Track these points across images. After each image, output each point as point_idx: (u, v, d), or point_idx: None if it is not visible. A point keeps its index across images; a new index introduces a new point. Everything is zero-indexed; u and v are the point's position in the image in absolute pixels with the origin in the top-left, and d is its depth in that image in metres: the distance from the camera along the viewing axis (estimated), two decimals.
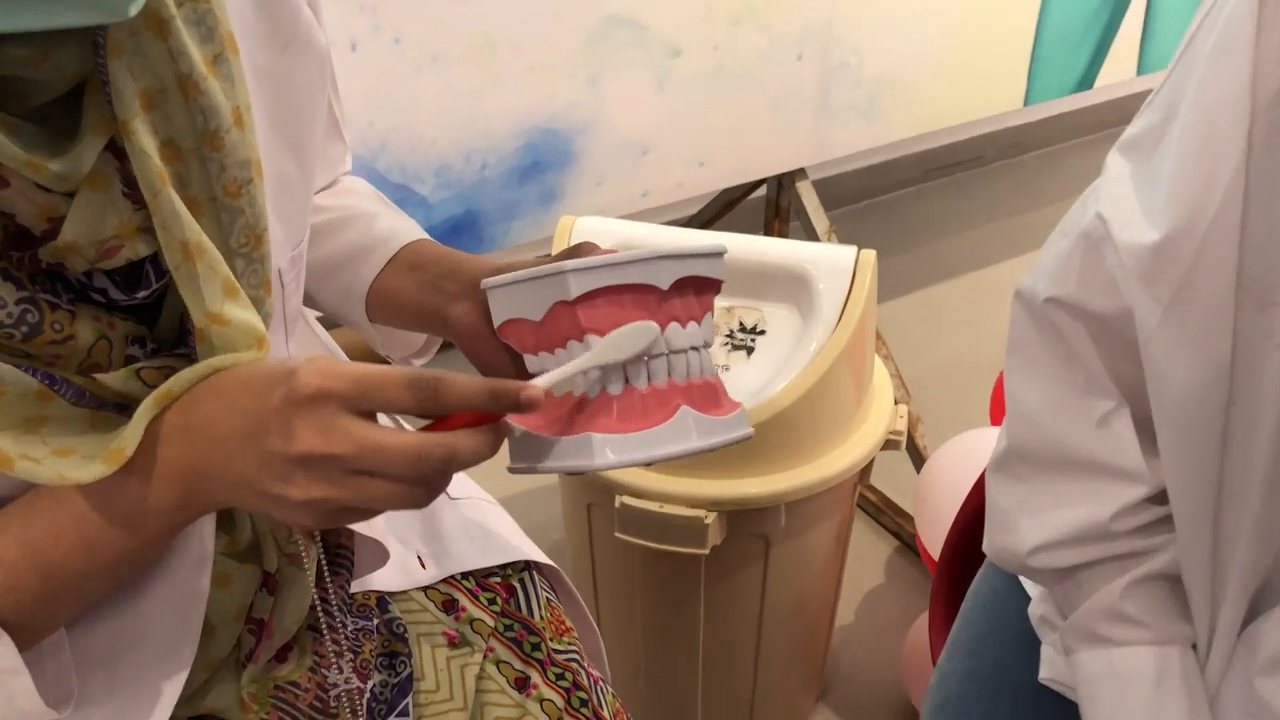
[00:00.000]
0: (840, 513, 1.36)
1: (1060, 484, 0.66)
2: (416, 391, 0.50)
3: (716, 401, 0.61)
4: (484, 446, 0.52)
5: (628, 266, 0.57)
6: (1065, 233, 0.67)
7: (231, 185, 0.54)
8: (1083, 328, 0.64)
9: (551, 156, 1.52)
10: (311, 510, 0.51)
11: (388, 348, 0.81)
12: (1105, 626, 0.65)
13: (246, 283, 0.57)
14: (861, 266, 1.23)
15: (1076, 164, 3.03)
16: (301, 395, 0.50)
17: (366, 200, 0.82)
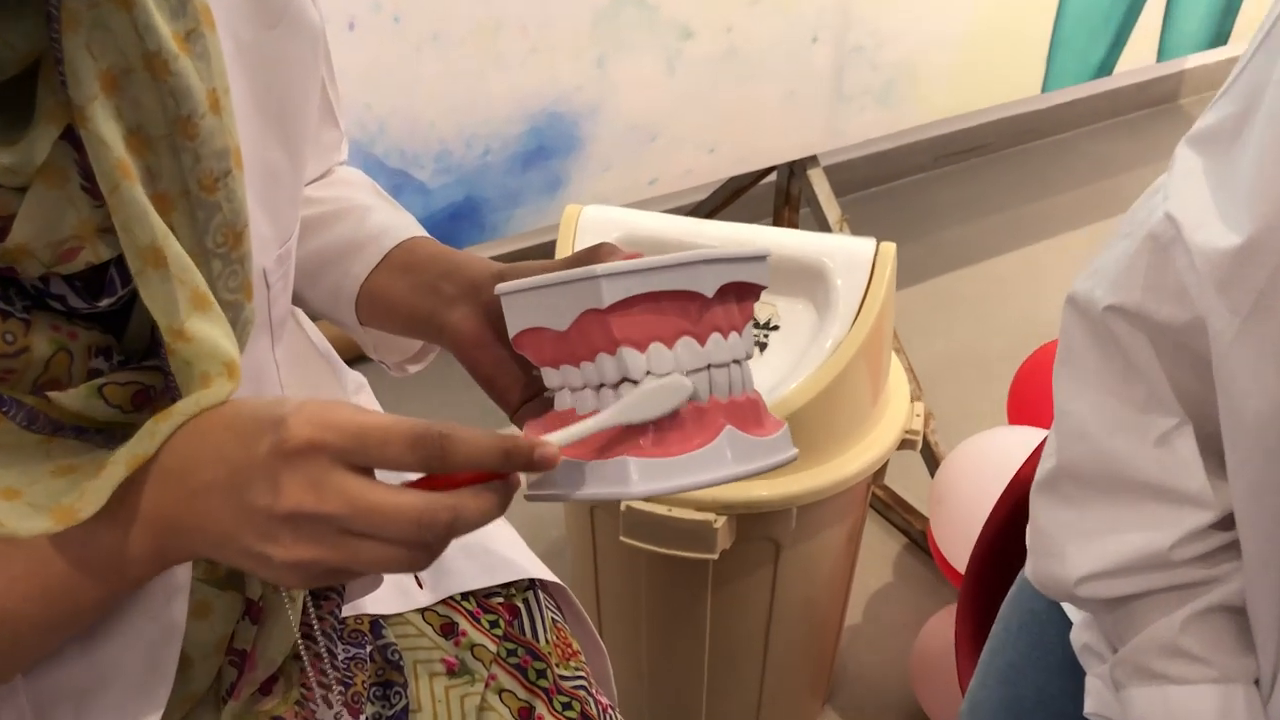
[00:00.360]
0: (853, 515, 1.31)
1: (1114, 507, 0.60)
2: (421, 450, 0.45)
3: (759, 420, 0.56)
4: (491, 509, 0.47)
5: (668, 271, 0.52)
6: (1128, 233, 0.61)
7: (207, 178, 0.49)
8: (1145, 338, 0.58)
9: (556, 141, 1.46)
10: (298, 571, 0.46)
11: (380, 353, 0.76)
12: (1161, 662, 0.59)
13: (224, 286, 0.51)
14: (881, 259, 1.18)
15: (1089, 151, 2.97)
16: (291, 447, 0.45)
17: (361, 193, 0.76)
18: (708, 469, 0.52)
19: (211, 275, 0.50)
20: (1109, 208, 2.68)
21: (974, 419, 1.98)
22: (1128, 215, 0.63)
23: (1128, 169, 2.87)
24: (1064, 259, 2.50)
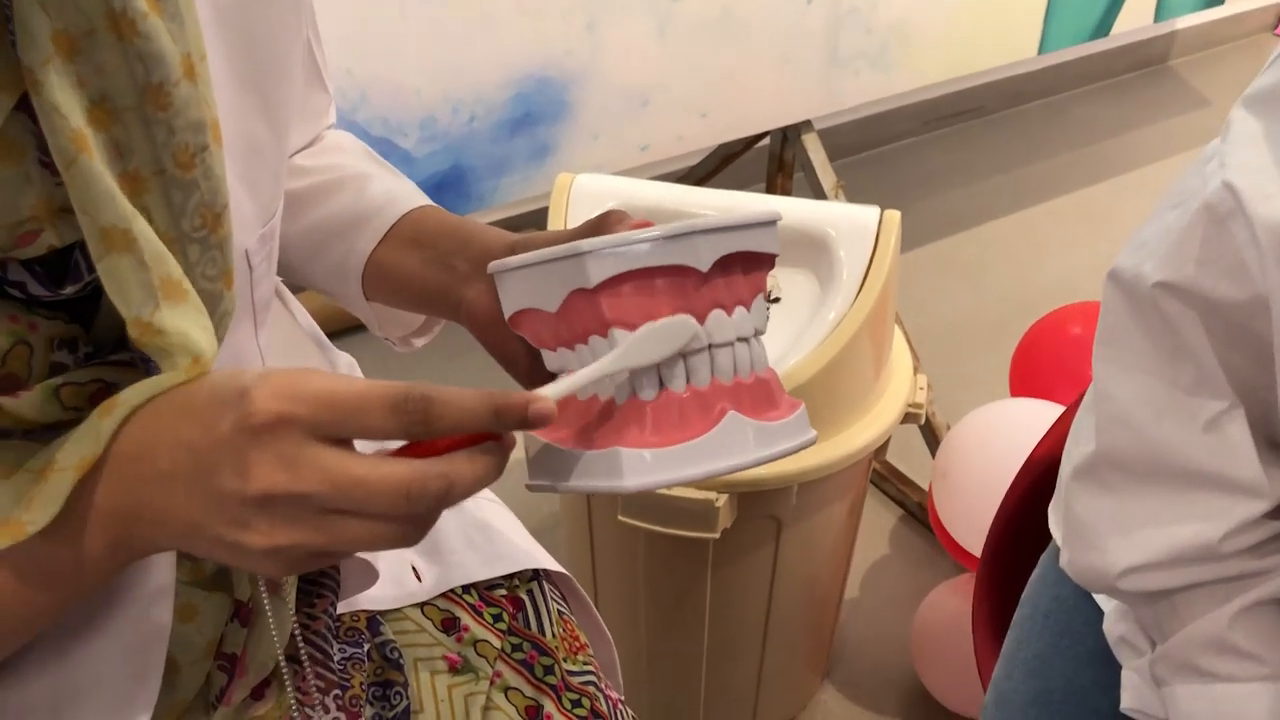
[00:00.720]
0: (855, 490, 1.29)
1: (1160, 496, 0.57)
2: (402, 415, 0.41)
3: (771, 401, 0.52)
4: (486, 473, 0.43)
5: (658, 245, 0.48)
6: (1177, 204, 0.57)
7: (183, 153, 0.44)
8: (1196, 316, 0.55)
9: (544, 107, 1.42)
10: (277, 558, 0.42)
11: (385, 329, 0.72)
12: (1208, 659, 0.56)
13: (201, 274, 0.47)
14: (885, 229, 1.14)
15: (1081, 113, 2.93)
16: (257, 422, 0.41)
17: (356, 159, 0.72)
18: (709, 458, 0.48)
19: (189, 262, 0.46)
20: (1101, 171, 2.65)
21: (971, 388, 1.96)
22: (1176, 184, 0.60)
23: (1119, 131, 2.84)
24: (1057, 223, 2.47)
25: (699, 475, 0.48)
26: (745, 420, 0.49)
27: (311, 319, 0.77)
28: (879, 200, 1.19)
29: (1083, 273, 2.30)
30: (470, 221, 0.64)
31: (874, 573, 1.67)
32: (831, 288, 1.14)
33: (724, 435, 0.49)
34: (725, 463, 0.48)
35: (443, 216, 0.66)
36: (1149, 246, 0.57)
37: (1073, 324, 1.35)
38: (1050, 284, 2.26)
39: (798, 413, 0.52)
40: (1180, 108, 2.97)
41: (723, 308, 0.50)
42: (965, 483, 1.22)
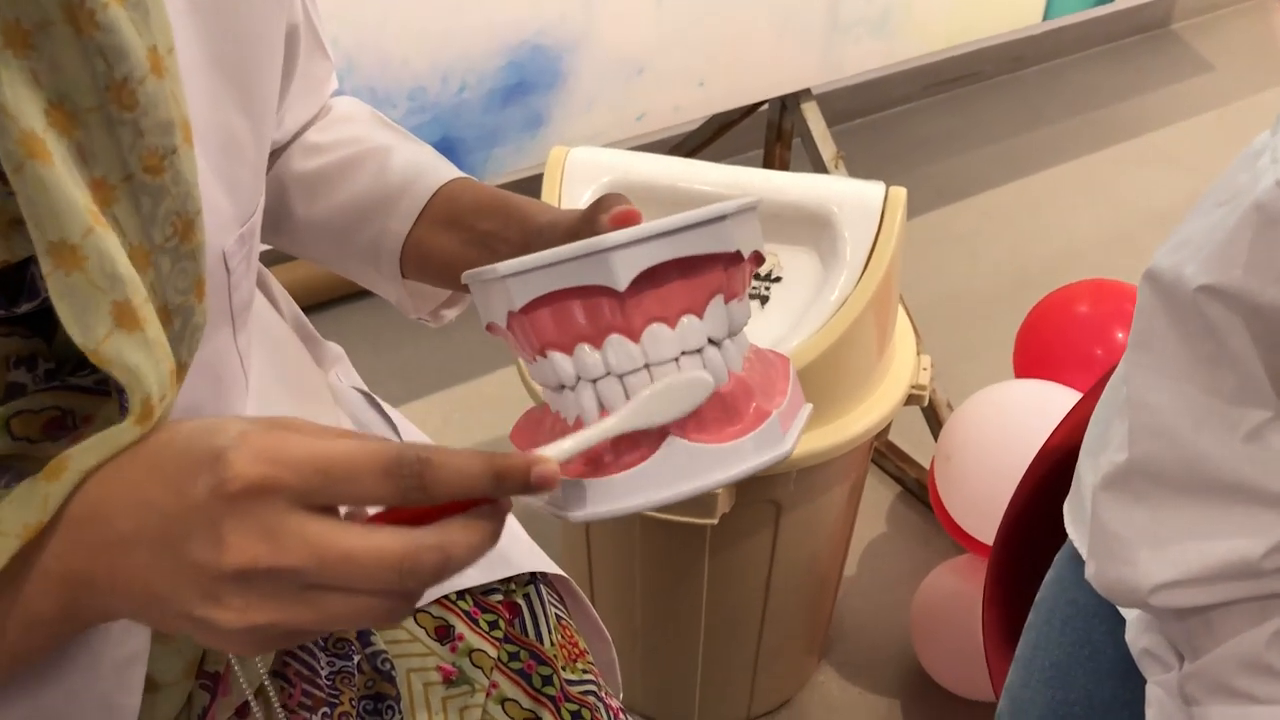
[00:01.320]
0: (855, 473, 1.26)
1: (1195, 509, 0.54)
2: (397, 480, 0.37)
3: (731, 416, 0.46)
4: (482, 541, 0.39)
5: (566, 267, 0.44)
6: (1224, 201, 0.54)
7: (151, 157, 0.40)
8: (1241, 322, 0.51)
9: (537, 76, 1.37)
10: (250, 637, 0.39)
11: (417, 307, 0.68)
12: (1244, 679, 0.54)
13: (172, 287, 0.43)
14: (891, 206, 1.10)
15: (1080, 79, 2.89)
16: (236, 488, 0.37)
17: (369, 127, 0.68)
18: (648, 488, 0.44)
19: (160, 275, 0.42)
20: (1102, 138, 2.61)
21: (971, 363, 1.93)
22: (1222, 180, 0.56)
23: (1121, 97, 2.80)
24: (1058, 191, 2.44)
25: (639, 506, 0.45)
26: (688, 445, 0.45)
27: (297, 307, 0.74)
28: (876, 168, 1.16)
29: (1084, 244, 2.27)
30: (506, 196, 0.61)
31: (872, 550, 1.65)
32: (834, 267, 1.10)
33: (665, 463, 0.44)
34: (664, 493, 0.45)
35: (477, 192, 0.62)
36: (1191, 246, 0.54)
37: (1079, 302, 1.31)
38: (1051, 255, 2.23)
39: (764, 425, 0.46)
40: (1183, 73, 2.92)
41: (663, 321, 0.46)
42: (970, 468, 1.19)
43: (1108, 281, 1.37)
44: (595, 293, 0.44)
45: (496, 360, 1.93)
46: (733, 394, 0.47)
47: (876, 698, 1.45)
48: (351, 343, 2.11)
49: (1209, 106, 2.77)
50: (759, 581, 1.25)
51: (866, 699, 1.45)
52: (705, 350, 0.47)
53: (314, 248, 0.68)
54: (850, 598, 1.57)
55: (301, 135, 0.68)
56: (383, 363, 1.95)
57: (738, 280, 0.48)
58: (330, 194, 0.65)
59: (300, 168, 0.66)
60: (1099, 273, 2.10)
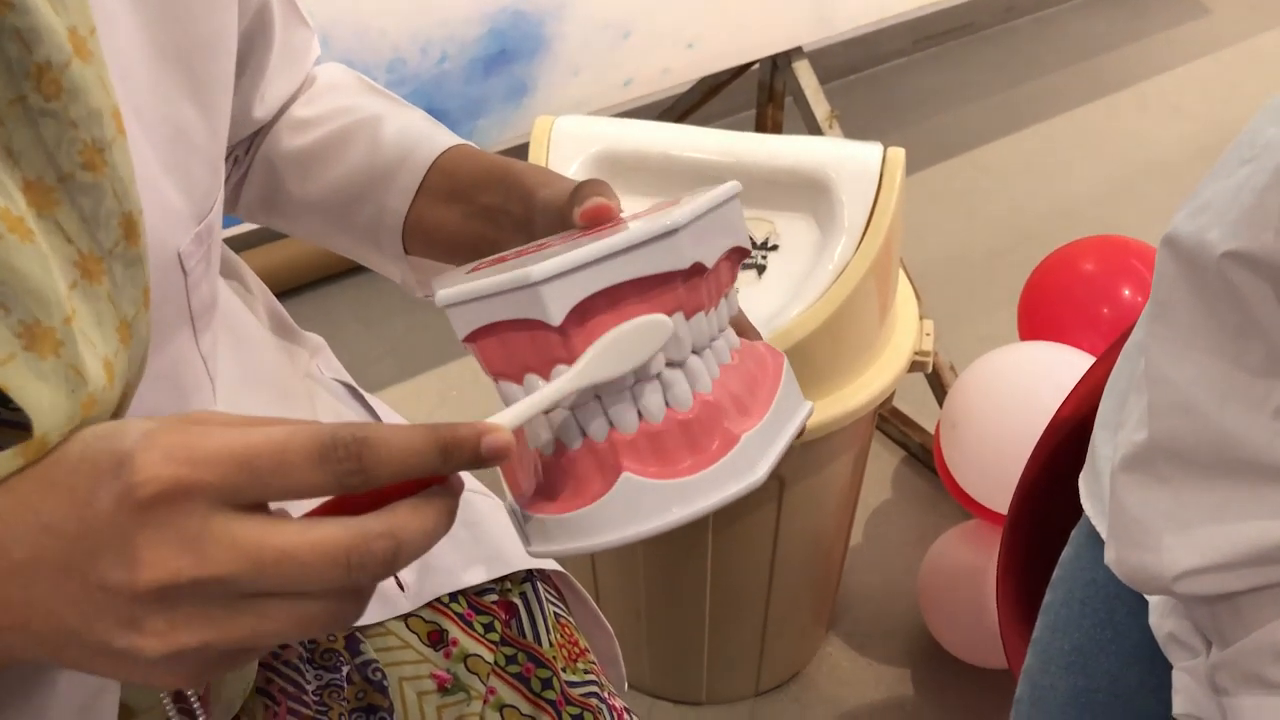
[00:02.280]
0: (859, 443, 1.23)
1: (1222, 490, 0.51)
2: (333, 465, 0.33)
3: (695, 442, 0.42)
4: (436, 525, 0.35)
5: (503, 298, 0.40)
6: (1249, 159, 0.50)
7: (87, 151, 0.36)
8: (1270, 289, 0.48)
9: (520, 43, 1.33)
10: (179, 665, 0.34)
11: (421, 285, 0.65)
12: (1278, 669, 0.51)
13: (123, 297, 0.39)
14: (890, 167, 1.07)
15: (1074, 29, 2.83)
16: (147, 494, 0.32)
17: (357, 95, 0.65)
18: (601, 528, 0.41)
19: (116, 286, 0.38)
20: (1098, 87, 2.56)
21: (973, 324, 1.90)
22: (1245, 137, 0.52)
23: (1115, 45, 2.75)
24: (1054, 144, 2.39)
25: (591, 548, 0.41)
26: (643, 481, 0.41)
27: (274, 298, 0.70)
28: (870, 125, 1.12)
29: (1082, 198, 2.23)
30: (506, 166, 0.57)
31: (877, 517, 1.63)
32: (833, 233, 1.07)
33: (620, 500, 0.41)
34: (619, 534, 0.41)
35: (475, 161, 0.59)
36: (1214, 209, 0.50)
37: (1084, 260, 1.28)
38: (1050, 210, 2.19)
39: (731, 453, 0.42)
40: (1178, 18, 2.87)
41: None
42: (977, 435, 1.16)
43: (1111, 237, 1.33)
44: (534, 324, 0.40)
45: None
46: (697, 420, 0.42)
47: (886, 667, 1.43)
48: (342, 322, 2.08)
49: (1204, 52, 2.72)
50: (764, 556, 1.23)
51: (875, 668, 1.43)
52: (663, 374, 0.42)
53: (311, 228, 0.65)
54: (857, 567, 1.55)
55: (288, 110, 0.65)
56: (376, 341, 1.91)
57: (704, 291, 0.43)
58: (324, 172, 0.62)
59: (290, 145, 0.63)
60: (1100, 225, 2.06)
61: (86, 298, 0.38)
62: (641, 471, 0.41)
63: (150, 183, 0.44)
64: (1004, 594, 0.88)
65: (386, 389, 1.83)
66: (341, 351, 0.77)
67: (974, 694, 1.39)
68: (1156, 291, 0.53)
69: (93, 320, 0.38)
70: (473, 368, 1.86)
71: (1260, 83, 2.58)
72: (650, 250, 0.41)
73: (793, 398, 0.47)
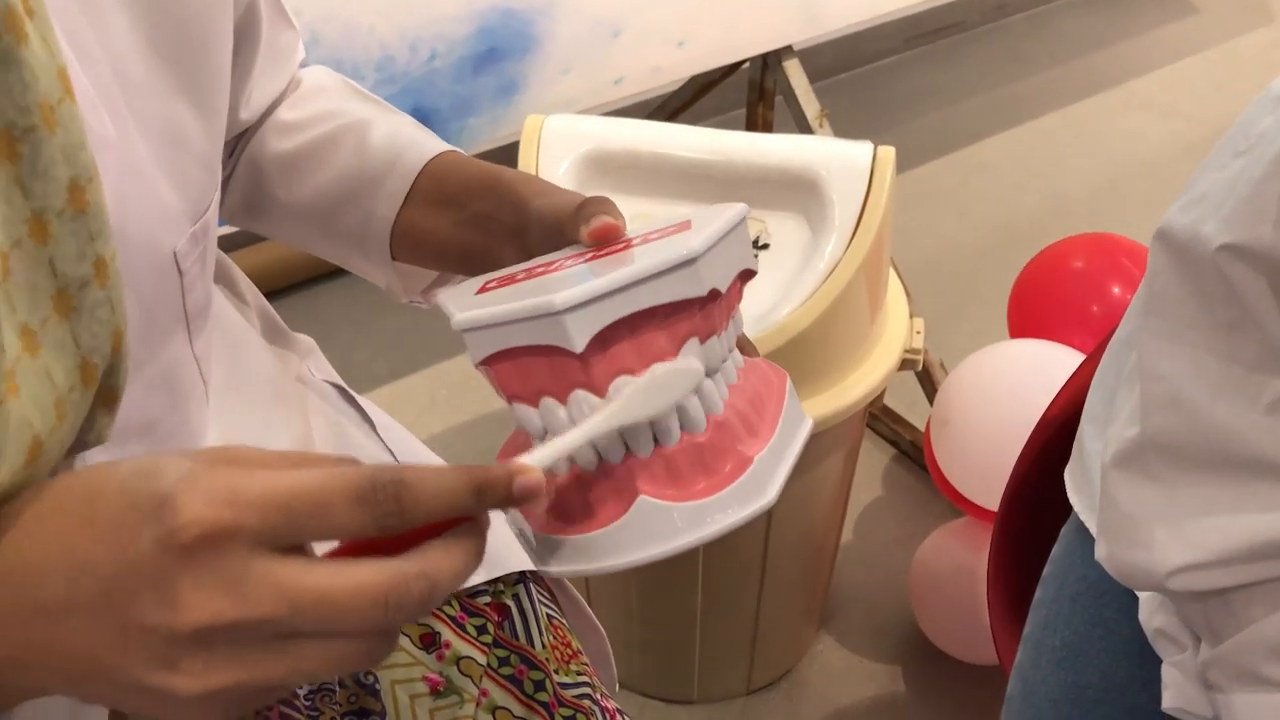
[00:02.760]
0: (850, 441, 1.23)
1: (1215, 486, 0.51)
2: (371, 507, 0.33)
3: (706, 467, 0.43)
4: (466, 565, 0.36)
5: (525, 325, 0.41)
6: (1244, 150, 0.50)
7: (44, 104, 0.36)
8: (1266, 283, 0.48)
9: (510, 41, 1.33)
10: (213, 703, 0.34)
11: (407, 290, 0.64)
12: (1271, 666, 0.51)
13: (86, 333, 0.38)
14: (880, 166, 1.07)
15: (1066, 26, 2.84)
16: (189, 537, 0.32)
17: (343, 98, 0.64)
18: (617, 550, 0.42)
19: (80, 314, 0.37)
20: (1088, 85, 2.57)
21: (963, 322, 1.90)
22: (1239, 128, 0.52)
23: (1105, 43, 2.75)
24: (1045, 142, 2.40)
25: (608, 568, 0.42)
26: (659, 504, 0.41)
27: (264, 300, 0.70)
28: (860, 124, 1.12)
29: (1073, 197, 2.23)
30: (497, 173, 0.57)
31: (868, 515, 1.63)
32: (823, 232, 1.07)
33: (635, 523, 0.41)
34: (634, 556, 0.42)
35: (465, 169, 0.59)
36: (1209, 202, 0.50)
37: (1073, 257, 1.28)
38: (1041, 208, 2.20)
39: (744, 476, 0.43)
40: (1167, 16, 2.87)
41: (630, 373, 0.42)
42: (968, 433, 1.16)
43: (1102, 235, 1.34)
44: (554, 350, 0.41)
45: None
46: (710, 443, 0.43)
47: (877, 665, 1.44)
48: (334, 323, 2.07)
49: (1193, 50, 2.72)
50: (755, 554, 1.23)
51: (867, 666, 1.44)
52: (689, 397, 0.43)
53: (295, 233, 0.65)
54: (848, 564, 1.55)
55: (273, 113, 0.64)
56: (367, 342, 1.91)
57: (717, 315, 0.44)
58: (310, 176, 0.61)
59: (276, 149, 0.63)
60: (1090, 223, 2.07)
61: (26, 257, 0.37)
62: (658, 494, 0.41)
63: (146, 181, 0.43)
64: (995, 591, 0.89)
65: (377, 389, 1.82)
66: (332, 352, 0.76)
67: (965, 691, 1.39)
68: (1149, 285, 0.53)
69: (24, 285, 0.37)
70: (463, 368, 1.86)
71: (1248, 80, 2.59)
72: (671, 279, 0.41)
73: (796, 415, 0.47)
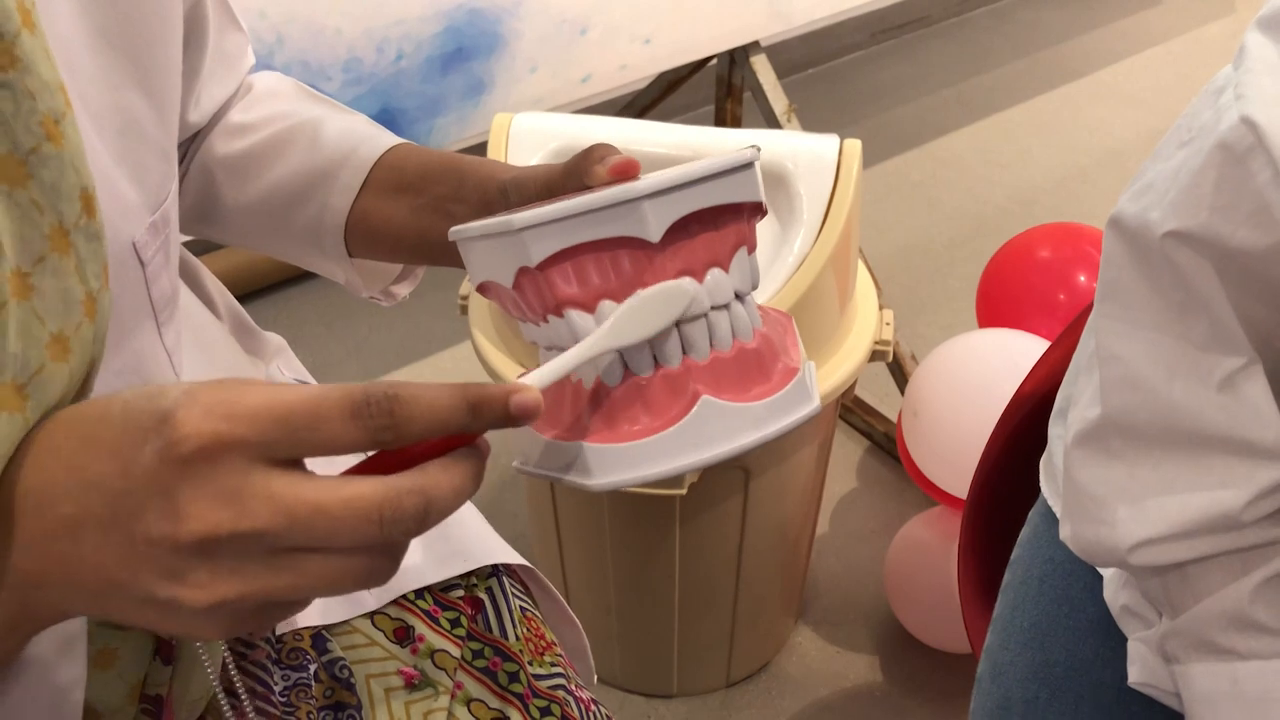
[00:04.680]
0: (823, 432, 1.24)
1: (1172, 462, 0.52)
2: (365, 421, 0.34)
3: (760, 373, 0.45)
4: (464, 484, 0.36)
5: (597, 216, 0.42)
6: (1186, 141, 0.51)
7: (47, 120, 0.36)
8: (1210, 266, 0.49)
9: (477, 40, 1.33)
10: (220, 615, 0.35)
11: (367, 286, 0.65)
12: (1228, 635, 0.52)
13: (88, 271, 0.39)
14: (846, 159, 1.08)
15: (1029, 19, 2.86)
16: (189, 449, 0.33)
17: (296, 101, 0.64)
18: (680, 452, 0.43)
19: (80, 260, 0.39)
20: (1051, 78, 2.60)
21: (933, 313, 1.92)
22: (1184, 120, 0.54)
23: (1068, 36, 2.78)
24: (1010, 134, 2.42)
25: (671, 471, 0.43)
26: (721, 404, 0.43)
27: (233, 300, 0.70)
28: (828, 119, 1.13)
29: (1040, 186, 2.26)
30: (456, 157, 0.57)
31: (843, 507, 1.64)
32: (792, 224, 1.07)
33: (698, 424, 0.43)
34: (698, 456, 0.43)
35: (423, 155, 0.59)
36: (1155, 190, 0.51)
37: (1039, 247, 1.30)
38: (1008, 199, 2.22)
39: (793, 382, 0.45)
40: (1129, 8, 2.91)
41: (692, 273, 0.44)
42: (938, 422, 1.17)
43: (1067, 225, 1.35)
44: (622, 245, 0.42)
45: (453, 336, 1.89)
46: (758, 351, 0.45)
47: (854, 655, 1.45)
48: (305, 325, 2.07)
49: (1155, 41, 2.76)
50: (731, 549, 1.24)
51: (844, 657, 1.45)
52: (732, 305, 0.45)
53: (249, 235, 0.64)
54: (824, 556, 1.56)
55: (223, 116, 0.64)
56: (338, 343, 1.90)
57: (753, 232, 0.46)
58: (261, 175, 0.61)
59: (225, 150, 0.62)
60: (1057, 214, 2.09)
61: (56, 273, 0.38)
62: (718, 396, 0.43)
63: (101, 173, 0.44)
64: (965, 575, 0.90)
65: None
66: (304, 353, 0.77)
67: (941, 679, 1.41)
68: (1104, 272, 0.54)
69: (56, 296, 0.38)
70: (434, 367, 1.86)
71: (1210, 70, 2.61)
72: (733, 180, 0.44)
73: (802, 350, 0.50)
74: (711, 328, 0.44)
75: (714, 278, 0.45)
